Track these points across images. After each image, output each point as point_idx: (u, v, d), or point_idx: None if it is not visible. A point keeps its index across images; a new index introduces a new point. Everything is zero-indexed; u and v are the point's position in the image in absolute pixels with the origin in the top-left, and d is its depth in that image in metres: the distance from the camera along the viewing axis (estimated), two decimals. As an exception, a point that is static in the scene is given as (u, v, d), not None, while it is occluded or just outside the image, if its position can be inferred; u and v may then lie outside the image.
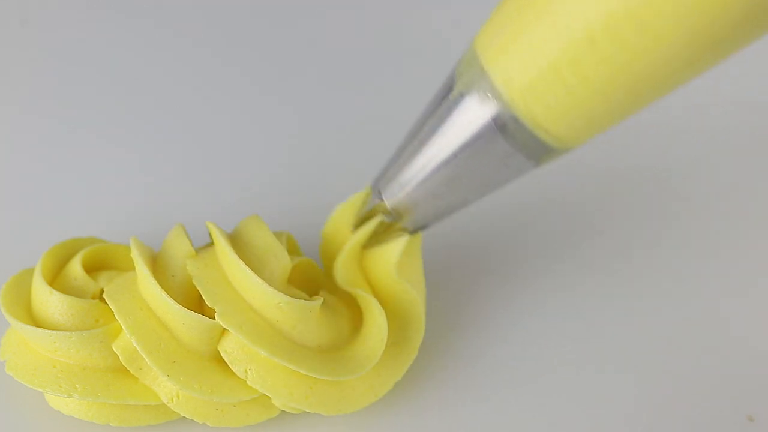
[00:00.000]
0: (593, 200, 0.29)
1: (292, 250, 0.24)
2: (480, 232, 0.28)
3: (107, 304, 0.22)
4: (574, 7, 0.15)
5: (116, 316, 0.21)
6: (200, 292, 0.21)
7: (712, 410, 0.24)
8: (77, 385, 0.21)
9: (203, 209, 0.28)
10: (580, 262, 0.27)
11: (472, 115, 0.18)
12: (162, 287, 0.21)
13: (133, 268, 0.23)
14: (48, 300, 0.22)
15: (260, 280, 0.21)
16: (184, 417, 0.22)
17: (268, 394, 0.21)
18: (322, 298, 0.22)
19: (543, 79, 0.16)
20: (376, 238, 0.23)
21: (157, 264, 0.22)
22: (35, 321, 0.22)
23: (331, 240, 0.24)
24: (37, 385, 0.21)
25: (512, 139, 0.18)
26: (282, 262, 0.22)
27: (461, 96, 0.19)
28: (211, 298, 0.21)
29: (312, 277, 0.25)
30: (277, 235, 0.23)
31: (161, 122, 0.32)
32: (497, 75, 0.17)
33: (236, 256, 0.21)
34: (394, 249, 0.23)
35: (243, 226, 0.23)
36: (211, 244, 0.23)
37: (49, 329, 0.21)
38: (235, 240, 0.23)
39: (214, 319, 0.21)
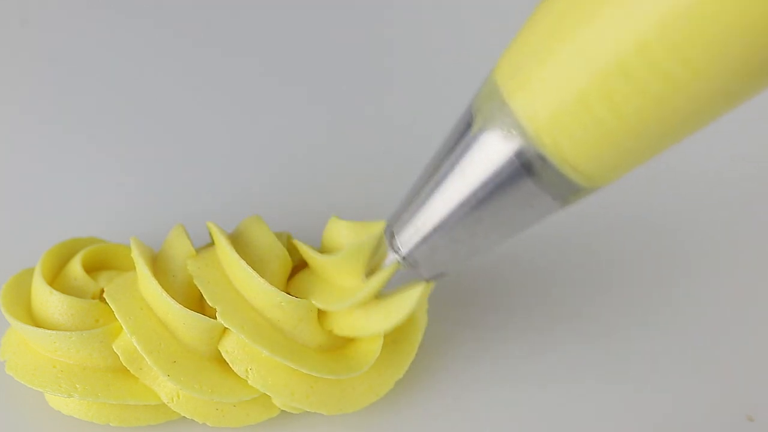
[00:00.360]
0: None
1: (292, 250, 0.24)
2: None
3: (107, 304, 0.22)
4: (606, 36, 0.14)
5: (117, 316, 0.21)
6: (201, 291, 0.21)
7: (712, 410, 0.24)
8: (77, 385, 0.21)
9: (203, 209, 0.28)
10: (581, 262, 0.27)
11: (493, 153, 0.17)
12: (162, 287, 0.21)
13: (133, 268, 0.23)
14: (48, 300, 0.22)
15: (262, 280, 0.21)
16: (184, 417, 0.22)
17: (269, 394, 0.21)
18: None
19: (571, 112, 0.15)
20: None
21: (158, 264, 0.22)
22: (35, 321, 0.22)
23: (337, 283, 0.23)
24: (37, 385, 0.21)
25: (538, 178, 0.17)
26: (283, 262, 0.22)
27: (481, 132, 0.17)
28: (212, 297, 0.21)
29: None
30: (278, 235, 0.24)
31: (161, 122, 0.32)
32: (521, 109, 0.16)
33: (238, 255, 0.21)
34: (408, 301, 0.21)
35: (244, 226, 0.23)
36: (211, 244, 0.24)
37: (49, 329, 0.21)
38: (236, 240, 0.23)
39: (214, 319, 0.21)
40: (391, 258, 0.20)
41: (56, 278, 0.23)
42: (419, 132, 0.32)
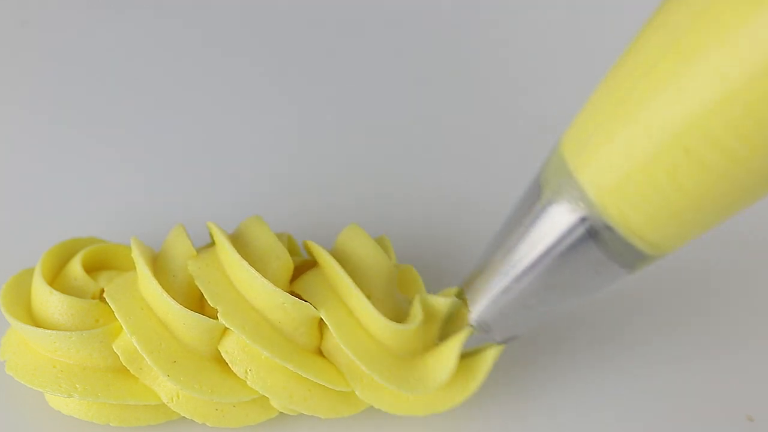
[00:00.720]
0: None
1: (293, 251, 0.24)
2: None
3: (107, 304, 0.22)
4: (667, 114, 0.15)
5: (117, 316, 0.21)
6: (202, 292, 0.21)
7: (712, 410, 0.24)
8: (77, 385, 0.21)
9: (203, 209, 0.28)
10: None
11: (562, 224, 0.18)
12: (163, 287, 0.21)
13: (134, 268, 0.23)
14: (48, 300, 0.22)
15: (265, 281, 0.21)
16: (184, 417, 0.22)
17: (267, 395, 0.21)
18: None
19: (637, 186, 0.16)
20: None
21: (158, 264, 0.22)
22: (35, 321, 0.22)
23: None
24: (37, 385, 0.21)
25: (605, 247, 0.17)
26: (284, 262, 0.22)
27: (549, 204, 0.18)
28: (213, 298, 0.21)
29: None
30: (278, 236, 0.24)
31: (161, 122, 0.32)
32: (588, 182, 0.17)
33: (239, 256, 0.21)
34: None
35: (244, 226, 0.23)
36: (212, 244, 0.23)
37: (49, 329, 0.21)
38: (237, 240, 0.23)
39: (214, 319, 0.21)
40: (464, 323, 0.22)
41: (56, 278, 0.23)
42: (419, 132, 0.32)
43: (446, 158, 0.31)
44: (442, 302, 0.22)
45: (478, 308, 0.21)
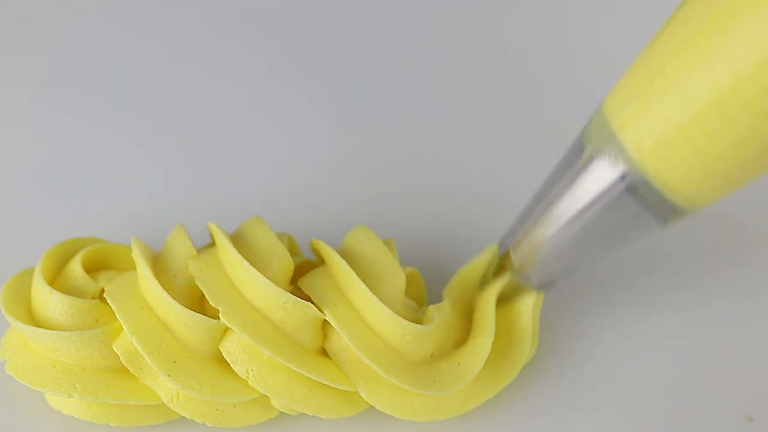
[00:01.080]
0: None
1: (293, 251, 0.24)
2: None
3: (107, 304, 0.22)
4: (705, 78, 0.16)
5: (117, 316, 0.21)
6: (203, 292, 0.21)
7: (712, 410, 0.24)
8: (77, 385, 0.21)
9: (204, 210, 0.28)
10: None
11: (602, 178, 0.19)
12: (163, 287, 0.21)
13: (134, 268, 0.23)
14: (48, 300, 0.22)
15: (267, 280, 0.21)
16: (184, 417, 0.22)
17: (268, 395, 0.21)
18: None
19: (674, 144, 0.17)
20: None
21: (158, 264, 0.22)
22: (35, 321, 0.22)
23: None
24: (37, 385, 0.21)
25: (642, 201, 0.19)
26: (284, 262, 0.22)
27: (591, 160, 0.19)
28: (214, 298, 0.21)
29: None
30: (279, 236, 0.23)
31: (162, 122, 0.32)
32: (628, 140, 0.18)
33: (240, 256, 0.21)
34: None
35: (245, 226, 0.23)
36: (212, 244, 0.24)
37: (49, 329, 0.21)
38: (237, 240, 0.23)
39: (215, 319, 0.21)
40: (505, 270, 0.23)
41: (56, 278, 0.23)
42: (420, 133, 0.32)
43: (451, 160, 0.31)
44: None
45: (519, 256, 0.22)
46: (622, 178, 0.19)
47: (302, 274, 0.23)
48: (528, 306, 0.23)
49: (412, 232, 0.25)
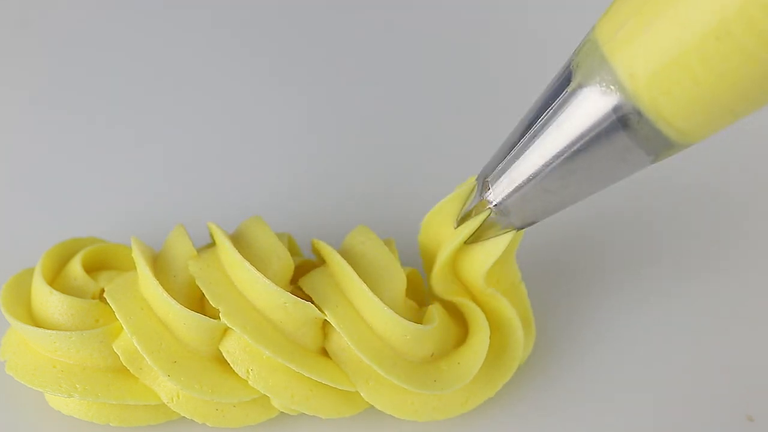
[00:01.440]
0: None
1: (293, 251, 0.24)
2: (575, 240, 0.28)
3: (107, 304, 0.22)
4: (704, 1, 0.15)
5: (117, 316, 0.21)
6: (203, 292, 0.21)
7: (712, 410, 0.24)
8: (77, 385, 0.21)
9: (203, 210, 0.28)
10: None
11: (591, 108, 0.18)
12: (163, 287, 0.21)
13: (134, 268, 0.23)
14: (48, 300, 0.22)
15: (267, 280, 0.21)
16: (184, 417, 0.22)
17: (269, 395, 0.21)
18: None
19: (670, 70, 0.16)
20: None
21: (158, 264, 0.22)
22: (35, 321, 0.22)
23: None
24: (37, 385, 0.21)
25: (633, 133, 0.17)
26: (284, 262, 0.22)
27: (580, 87, 0.18)
28: (214, 298, 0.21)
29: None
30: (279, 236, 0.24)
31: (162, 123, 0.32)
32: (621, 66, 0.17)
33: (241, 256, 0.21)
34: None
35: (245, 227, 0.23)
36: (212, 244, 0.24)
37: (49, 329, 0.21)
38: (237, 241, 0.23)
39: (215, 319, 0.21)
40: (483, 207, 0.21)
41: (56, 278, 0.23)
42: (420, 134, 0.32)
43: (451, 160, 0.30)
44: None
45: (498, 191, 0.21)
46: (613, 108, 0.17)
47: (302, 274, 0.23)
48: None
49: (412, 232, 0.25)
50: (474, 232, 0.22)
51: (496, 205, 0.21)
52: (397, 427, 0.23)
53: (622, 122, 0.17)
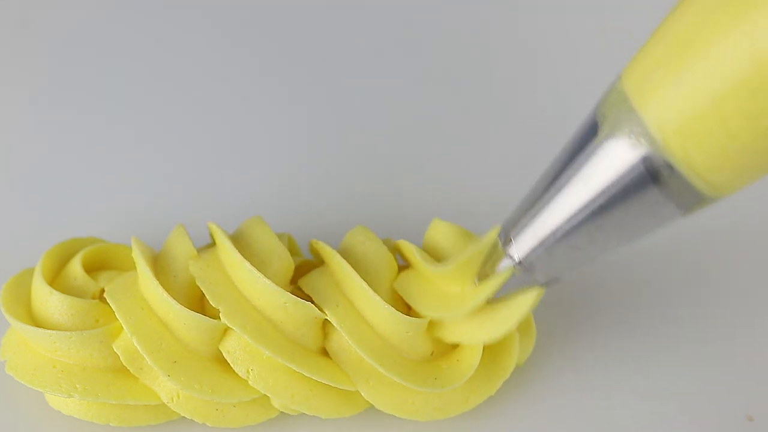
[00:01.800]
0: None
1: (293, 251, 0.24)
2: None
3: (107, 304, 0.22)
4: (745, 48, 0.14)
5: (117, 316, 0.21)
6: (204, 292, 0.21)
7: (712, 410, 0.24)
8: (77, 385, 0.21)
9: (203, 210, 0.28)
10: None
11: (620, 161, 0.17)
12: (163, 287, 0.21)
13: (134, 268, 0.23)
14: (48, 300, 0.22)
15: (267, 280, 0.21)
16: (184, 417, 0.22)
17: (269, 395, 0.21)
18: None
19: (703, 123, 0.15)
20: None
21: (159, 264, 0.22)
22: (35, 321, 0.22)
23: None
24: (37, 385, 0.21)
25: (664, 187, 0.17)
26: (285, 262, 0.22)
27: (607, 139, 0.17)
28: (215, 298, 0.21)
29: None
30: (279, 236, 0.24)
31: (162, 122, 0.32)
32: (651, 118, 0.16)
33: (241, 256, 0.21)
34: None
35: (245, 227, 0.23)
36: (212, 244, 0.24)
37: (49, 329, 0.21)
38: (237, 241, 0.23)
39: (215, 319, 0.21)
40: (506, 263, 0.21)
41: (56, 278, 0.23)
42: (422, 133, 0.32)
43: (451, 160, 0.31)
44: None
45: (522, 247, 0.20)
46: (643, 161, 0.16)
47: (302, 275, 0.23)
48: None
49: (412, 232, 0.25)
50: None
51: (519, 261, 0.20)
52: (398, 427, 0.23)
53: (653, 176, 0.17)
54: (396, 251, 0.24)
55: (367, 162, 0.31)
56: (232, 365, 0.21)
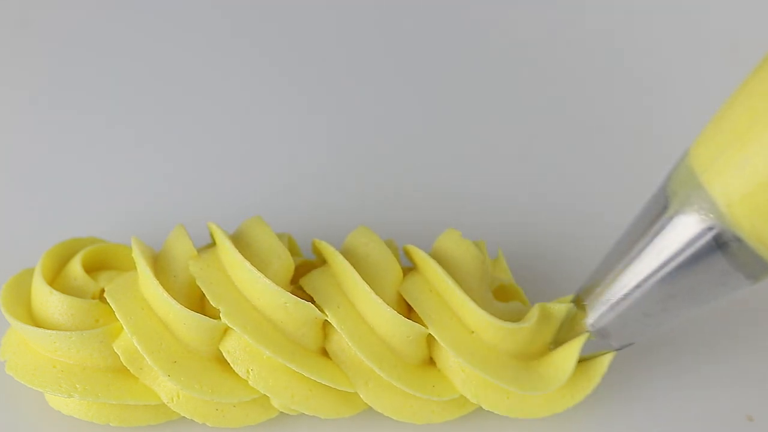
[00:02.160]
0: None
1: (293, 251, 0.24)
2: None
3: (107, 304, 0.22)
4: None
5: (117, 316, 0.21)
6: (204, 292, 0.21)
7: (712, 410, 0.24)
8: (77, 385, 0.21)
9: (203, 210, 0.28)
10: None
11: (689, 235, 0.18)
12: (164, 287, 0.21)
13: (134, 268, 0.23)
14: (48, 300, 0.22)
15: (267, 280, 0.21)
16: (184, 417, 0.22)
17: (269, 395, 0.22)
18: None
19: None
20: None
21: (159, 264, 0.22)
22: (35, 321, 0.22)
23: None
24: (37, 385, 0.21)
25: (733, 259, 0.18)
26: (285, 262, 0.22)
27: (677, 214, 0.18)
28: (215, 298, 0.21)
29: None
30: (279, 236, 0.24)
31: (162, 122, 0.32)
32: (719, 194, 0.17)
33: (241, 256, 0.21)
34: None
35: (245, 227, 0.23)
36: (212, 244, 0.24)
37: (49, 329, 0.21)
38: (237, 241, 0.23)
39: (215, 319, 0.21)
40: (582, 329, 0.22)
41: (56, 278, 0.23)
42: (420, 134, 0.32)
43: (451, 161, 0.31)
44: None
45: (596, 315, 0.21)
46: (712, 233, 0.18)
47: (302, 275, 0.23)
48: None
49: (413, 232, 0.25)
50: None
51: (595, 329, 0.22)
52: (397, 427, 0.23)
53: (721, 248, 0.18)
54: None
55: (368, 162, 0.31)
56: (232, 365, 0.21)
